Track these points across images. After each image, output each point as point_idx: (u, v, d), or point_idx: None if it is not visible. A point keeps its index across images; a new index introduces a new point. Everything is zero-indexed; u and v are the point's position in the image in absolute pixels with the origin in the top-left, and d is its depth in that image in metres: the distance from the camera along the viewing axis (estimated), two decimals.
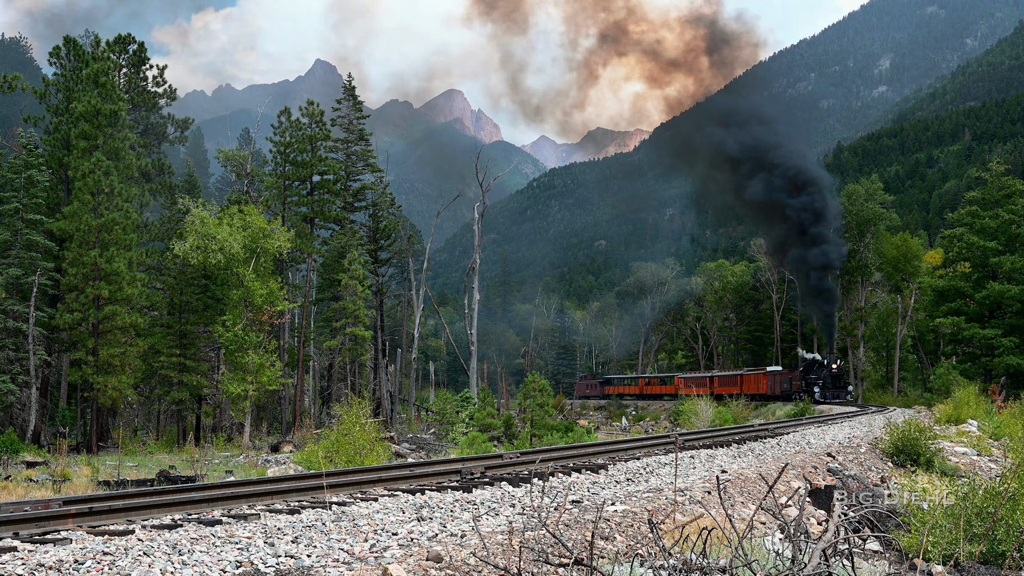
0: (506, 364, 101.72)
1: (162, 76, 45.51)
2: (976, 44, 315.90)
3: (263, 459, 26.17)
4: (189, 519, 8.74)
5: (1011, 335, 51.56)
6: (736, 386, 60.26)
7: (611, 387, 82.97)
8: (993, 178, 54.90)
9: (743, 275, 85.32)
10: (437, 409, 39.68)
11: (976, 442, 25.36)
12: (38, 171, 34.43)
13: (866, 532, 11.18)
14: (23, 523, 8.07)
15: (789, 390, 55.20)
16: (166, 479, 19.01)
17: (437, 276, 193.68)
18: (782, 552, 7.26)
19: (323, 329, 47.95)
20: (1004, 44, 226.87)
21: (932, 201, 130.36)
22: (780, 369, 59.63)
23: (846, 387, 52.70)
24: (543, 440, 31.60)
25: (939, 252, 65.16)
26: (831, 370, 52.29)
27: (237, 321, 34.07)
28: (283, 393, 43.87)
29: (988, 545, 9.05)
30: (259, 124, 55.73)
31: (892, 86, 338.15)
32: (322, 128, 46.51)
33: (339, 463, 19.40)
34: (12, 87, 40.55)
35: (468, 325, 51.98)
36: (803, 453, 18.16)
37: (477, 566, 6.94)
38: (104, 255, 32.49)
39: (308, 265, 46.67)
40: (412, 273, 60.67)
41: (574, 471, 13.48)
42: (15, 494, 16.56)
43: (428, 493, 10.93)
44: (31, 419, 32.13)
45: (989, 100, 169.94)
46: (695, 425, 39.48)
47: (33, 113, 42.91)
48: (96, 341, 32.71)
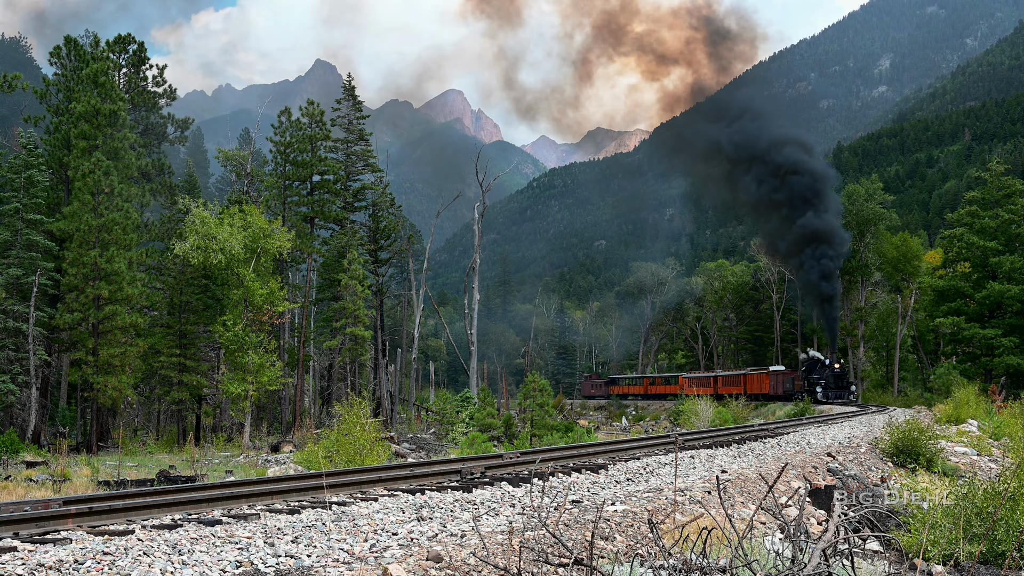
0: (506, 364, 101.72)
1: (162, 76, 45.53)
2: (976, 44, 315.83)
3: (263, 459, 26.17)
4: (189, 519, 8.74)
5: (1011, 335, 51.56)
6: (739, 386, 60.19)
7: (616, 387, 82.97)
8: (993, 178, 54.90)
9: (743, 275, 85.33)
10: (437, 409, 39.67)
11: (976, 442, 25.36)
12: (38, 171, 34.43)
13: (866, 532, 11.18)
14: (23, 523, 8.07)
15: (791, 390, 54.83)
16: (166, 479, 19.01)
17: (437, 276, 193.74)
18: (782, 552, 7.26)
19: (323, 329, 47.96)
20: (1004, 44, 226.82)
21: (932, 201, 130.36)
22: (783, 369, 59.25)
23: (849, 387, 51.98)
24: (543, 440, 31.61)
25: (939, 252, 65.15)
26: (833, 370, 51.61)
27: (237, 321, 34.07)
28: (283, 393, 43.87)
29: (988, 545, 9.05)
30: (259, 124, 55.72)
31: (892, 86, 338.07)
32: (322, 128, 46.51)
33: (339, 463, 19.39)
34: (12, 87, 40.56)
35: (468, 325, 51.98)
36: (803, 453, 18.16)
37: (477, 566, 6.94)
38: (104, 255, 32.49)
39: (308, 265, 46.68)
40: (412, 273, 60.68)
41: (574, 471, 13.48)
42: (15, 494, 16.56)
43: (428, 493, 10.93)
44: (31, 419, 32.13)
45: (989, 100, 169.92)
46: (695, 425, 39.48)
47: (33, 113, 42.93)
48: (96, 341, 32.70)
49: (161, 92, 45.59)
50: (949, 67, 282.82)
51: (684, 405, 45.56)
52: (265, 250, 35.97)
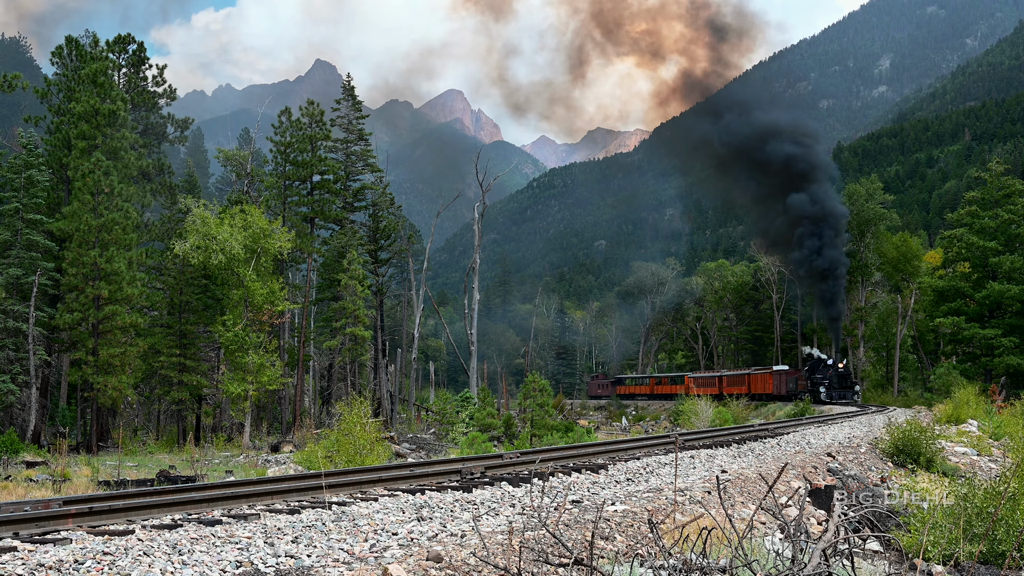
0: (506, 364, 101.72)
1: (162, 76, 45.52)
2: (976, 44, 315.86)
3: (263, 459, 26.18)
4: (189, 519, 8.74)
5: (1011, 335, 51.57)
6: (743, 386, 60.05)
7: (623, 387, 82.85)
8: (993, 178, 54.92)
9: (743, 275, 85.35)
10: (437, 409, 39.67)
11: (976, 442, 25.36)
12: (38, 171, 34.43)
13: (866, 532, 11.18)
14: (23, 523, 8.07)
15: (795, 390, 54.31)
16: (166, 479, 19.01)
17: (437, 276, 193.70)
18: (782, 552, 7.26)
19: (323, 329, 47.96)
20: (1004, 44, 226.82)
21: (932, 201, 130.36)
22: (787, 368, 58.75)
23: (853, 387, 50.79)
24: (543, 440, 31.60)
25: (939, 252, 65.16)
26: (837, 369, 50.60)
27: (237, 321, 34.08)
28: (283, 393, 43.87)
29: (988, 545, 9.06)
30: (259, 124, 55.72)
31: (892, 86, 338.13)
32: (322, 128, 46.48)
33: (339, 463, 19.40)
34: (12, 87, 40.54)
35: (468, 325, 51.97)
36: (803, 453, 18.16)
37: (477, 566, 6.94)
38: (104, 255, 32.49)
39: (308, 265, 46.69)
40: (412, 273, 60.67)
41: (574, 471, 13.48)
42: (15, 494, 16.56)
43: (428, 493, 10.93)
44: (31, 419, 32.13)
45: (989, 100, 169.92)
46: (695, 425, 39.48)
47: (34, 113, 42.93)
48: (96, 341, 32.70)
49: (161, 92, 45.58)
50: (949, 67, 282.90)
51: (684, 405, 45.55)
52: (265, 250, 35.97)
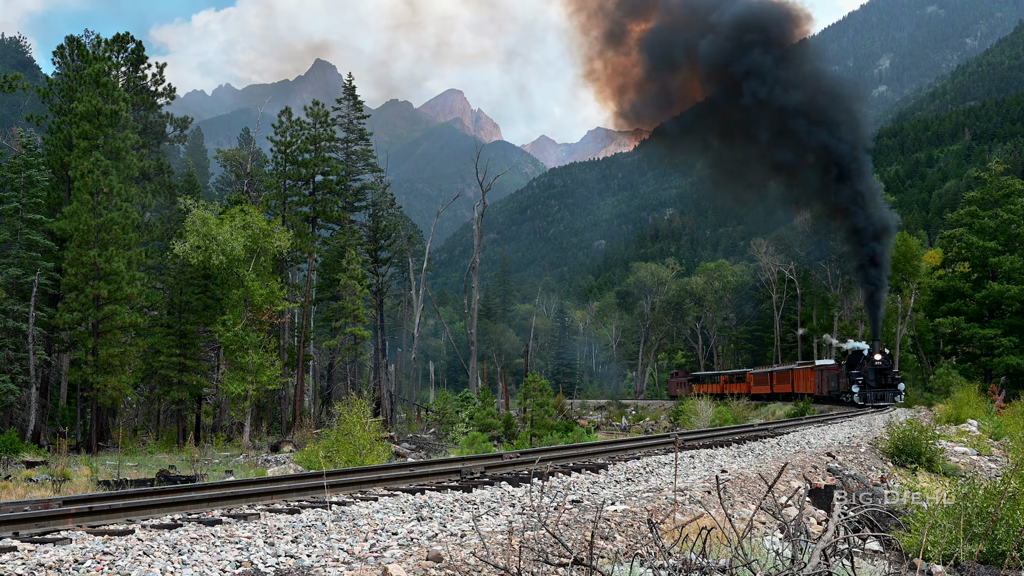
0: (506, 364, 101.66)
1: (161, 75, 45.49)
2: (976, 44, 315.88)
3: (263, 459, 26.18)
4: (189, 519, 8.73)
5: (1011, 335, 51.59)
6: (787, 383, 55.53)
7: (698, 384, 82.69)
8: (992, 178, 54.93)
9: (743, 275, 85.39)
10: (437, 409, 39.70)
11: (976, 442, 25.37)
12: (38, 171, 34.43)
13: (866, 532, 11.18)
14: (23, 523, 8.06)
15: (836, 389, 45.55)
16: (166, 479, 19.02)
17: (437, 276, 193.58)
18: (782, 552, 7.26)
19: (323, 329, 47.96)
20: (1004, 44, 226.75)
21: (932, 201, 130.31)
22: (830, 363, 49.64)
23: (895, 384, 40.71)
24: (543, 440, 31.61)
25: (939, 252, 65.13)
26: (874, 362, 40.40)
27: (237, 321, 34.07)
28: (283, 393, 43.87)
29: (988, 545, 9.05)
30: (259, 124, 55.72)
31: (892, 86, 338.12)
32: (326, 128, 46.48)
33: (339, 463, 19.40)
34: (12, 87, 40.56)
35: (468, 325, 51.99)
36: (803, 453, 18.16)
37: (477, 566, 6.94)
38: (104, 255, 32.49)
39: (308, 265, 46.70)
40: (412, 273, 60.68)
41: (574, 471, 13.47)
42: (15, 494, 16.57)
43: (428, 493, 10.93)
44: (31, 419, 32.13)
45: (989, 100, 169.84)
46: (695, 425, 39.53)
47: (34, 113, 42.91)
48: (96, 341, 32.70)
49: (160, 91, 45.56)
50: (949, 67, 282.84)
51: (684, 405, 45.57)
52: (265, 250, 35.98)
